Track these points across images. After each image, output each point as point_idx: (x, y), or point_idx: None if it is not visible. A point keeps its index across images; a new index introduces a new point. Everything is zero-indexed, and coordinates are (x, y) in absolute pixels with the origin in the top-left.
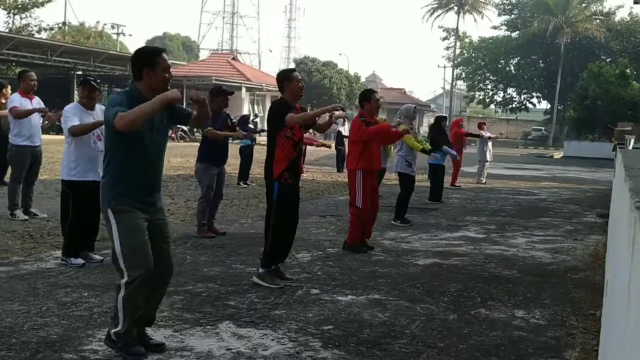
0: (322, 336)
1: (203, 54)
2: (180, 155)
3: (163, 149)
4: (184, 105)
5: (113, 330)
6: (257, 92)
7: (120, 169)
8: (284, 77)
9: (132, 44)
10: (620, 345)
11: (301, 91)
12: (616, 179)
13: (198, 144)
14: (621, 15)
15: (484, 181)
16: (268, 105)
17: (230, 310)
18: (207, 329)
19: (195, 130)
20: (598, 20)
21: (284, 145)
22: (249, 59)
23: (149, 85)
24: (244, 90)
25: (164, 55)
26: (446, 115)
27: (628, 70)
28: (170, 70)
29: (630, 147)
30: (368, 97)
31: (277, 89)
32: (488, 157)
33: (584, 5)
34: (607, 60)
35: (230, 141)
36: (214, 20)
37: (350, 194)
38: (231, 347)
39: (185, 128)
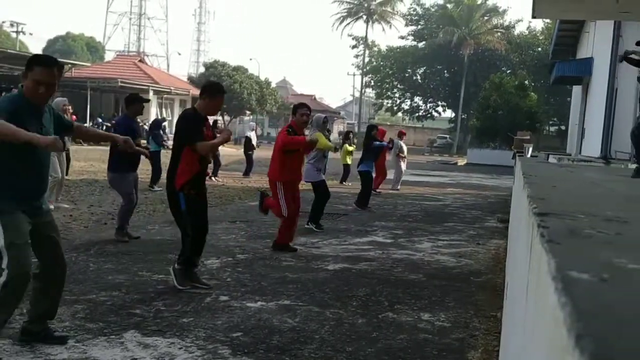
0: (231, 343)
1: (109, 55)
2: (83, 160)
3: (49, 156)
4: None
5: None
6: (165, 96)
7: (6, 178)
8: (210, 92)
9: (33, 43)
10: (520, 346)
11: (215, 111)
12: (515, 186)
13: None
14: (520, 29)
15: (398, 187)
16: (177, 109)
17: (136, 319)
18: (111, 339)
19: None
20: (499, 33)
21: (189, 158)
22: (157, 62)
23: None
24: (151, 93)
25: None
26: (375, 124)
27: (527, 82)
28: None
29: (529, 155)
30: (294, 111)
31: (186, 92)
32: (403, 167)
33: (485, 18)
34: (508, 71)
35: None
36: (120, 21)
37: (274, 203)
38: (136, 357)
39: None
